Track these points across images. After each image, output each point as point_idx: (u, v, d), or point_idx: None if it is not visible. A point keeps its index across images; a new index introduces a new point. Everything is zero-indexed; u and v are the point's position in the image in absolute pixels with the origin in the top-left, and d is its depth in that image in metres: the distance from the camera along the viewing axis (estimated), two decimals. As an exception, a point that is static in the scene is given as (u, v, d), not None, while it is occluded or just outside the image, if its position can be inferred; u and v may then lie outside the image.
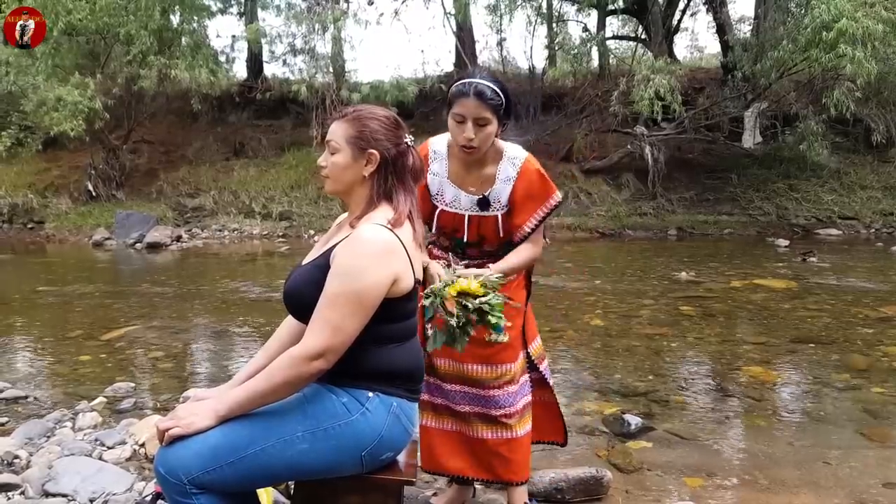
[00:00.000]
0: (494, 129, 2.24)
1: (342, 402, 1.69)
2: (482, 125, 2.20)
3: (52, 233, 13.92)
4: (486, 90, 2.18)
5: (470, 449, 2.42)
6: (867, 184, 14.36)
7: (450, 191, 2.38)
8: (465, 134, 2.20)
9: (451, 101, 2.25)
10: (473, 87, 2.18)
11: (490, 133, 2.24)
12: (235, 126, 17.47)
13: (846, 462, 3.09)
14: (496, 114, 2.21)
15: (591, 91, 15.85)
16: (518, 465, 2.41)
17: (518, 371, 2.43)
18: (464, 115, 2.20)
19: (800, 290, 7.37)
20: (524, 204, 2.33)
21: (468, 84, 2.20)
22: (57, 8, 12.72)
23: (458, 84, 2.25)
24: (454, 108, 2.22)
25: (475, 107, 2.18)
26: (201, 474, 1.57)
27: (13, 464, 2.96)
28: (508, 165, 2.33)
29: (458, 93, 2.22)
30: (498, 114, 2.22)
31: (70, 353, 5.09)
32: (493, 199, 2.33)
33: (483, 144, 2.25)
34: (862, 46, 11.01)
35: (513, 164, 2.33)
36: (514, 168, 2.33)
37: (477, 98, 2.17)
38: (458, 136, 2.23)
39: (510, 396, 2.38)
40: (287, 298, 1.80)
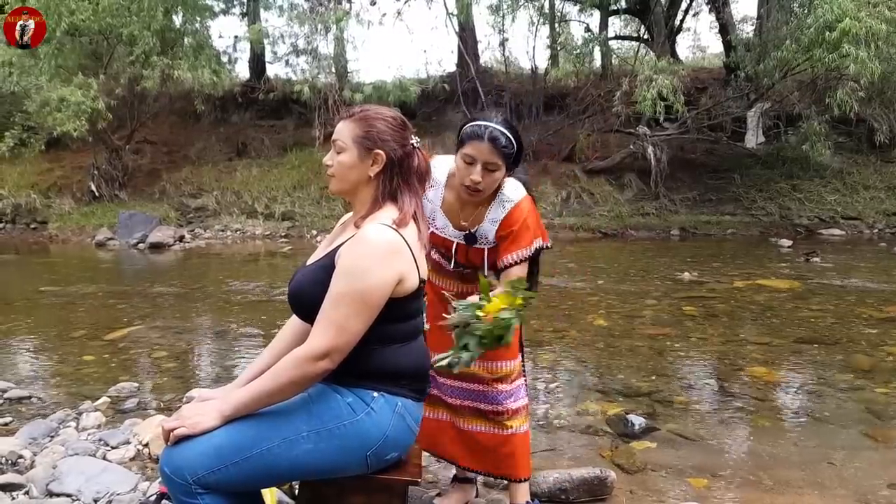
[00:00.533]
0: (502, 176, 2.24)
1: (347, 402, 1.68)
2: (491, 170, 2.19)
3: (55, 233, 13.95)
4: (501, 137, 2.17)
5: (462, 440, 2.46)
6: (870, 184, 14.35)
7: (440, 219, 2.38)
8: (472, 176, 2.18)
9: (462, 140, 2.22)
10: (488, 132, 2.16)
11: (497, 179, 2.23)
12: (238, 126, 17.49)
13: (851, 462, 3.08)
14: (506, 161, 2.21)
15: (593, 91, 15.84)
16: (514, 462, 2.43)
17: (516, 370, 2.45)
18: (474, 158, 2.17)
19: (803, 291, 7.36)
20: (505, 245, 2.31)
21: (483, 127, 2.18)
22: (60, 8, 12.74)
23: (472, 125, 2.22)
24: (465, 149, 2.19)
25: (487, 152, 2.16)
26: (206, 474, 1.57)
27: (17, 463, 2.96)
28: (498, 207, 2.31)
29: (472, 134, 2.19)
30: (508, 161, 2.22)
31: (73, 353, 5.09)
32: (480, 235, 2.33)
33: (488, 189, 2.24)
34: (865, 46, 11.01)
35: (503, 206, 2.30)
36: (503, 210, 2.30)
37: (490, 143, 2.16)
38: (465, 176, 2.20)
39: (505, 394, 2.41)
40: (292, 299, 1.80)
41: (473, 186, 2.20)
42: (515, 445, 2.42)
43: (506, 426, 2.41)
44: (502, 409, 2.40)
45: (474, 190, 2.21)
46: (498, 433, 2.41)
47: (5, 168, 15.09)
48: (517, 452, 2.43)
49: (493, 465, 2.45)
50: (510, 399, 2.42)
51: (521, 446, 2.44)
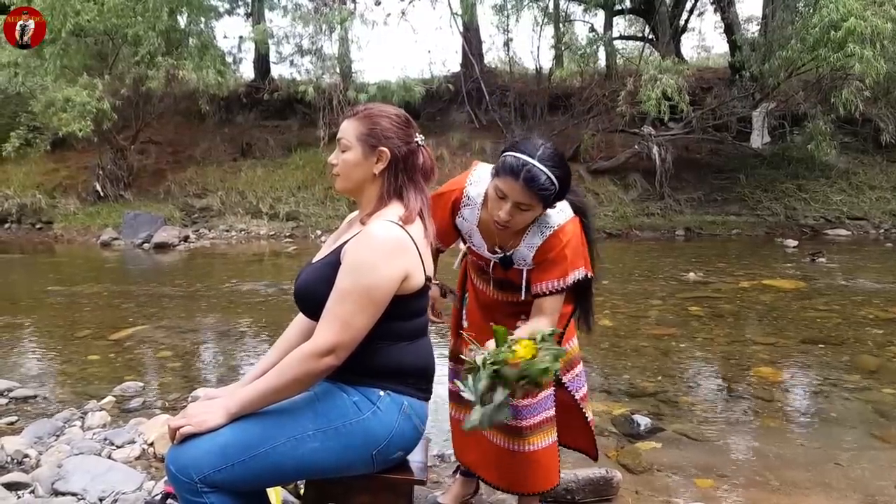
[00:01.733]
0: (535, 215, 2.05)
1: (353, 401, 1.68)
2: (523, 210, 1.99)
3: (60, 233, 13.98)
4: (540, 177, 1.93)
5: (482, 447, 2.38)
6: (876, 184, 14.29)
7: (476, 238, 2.24)
8: (500, 213, 1.99)
9: (497, 170, 2.01)
10: (525, 172, 1.93)
11: (528, 218, 2.05)
12: (243, 127, 17.52)
13: (857, 463, 3.07)
14: (543, 202, 2.00)
15: (598, 91, 15.81)
16: (528, 479, 2.33)
17: None
18: (506, 195, 1.97)
19: (809, 291, 7.33)
20: (539, 273, 2.14)
21: (521, 164, 1.94)
22: (65, 9, 12.77)
23: (511, 156, 1.97)
24: (498, 181, 1.99)
25: (520, 192, 1.95)
26: (212, 473, 1.57)
27: (23, 462, 2.98)
28: (536, 233, 2.11)
29: (507, 169, 1.96)
30: (545, 202, 2.01)
31: (79, 352, 5.10)
32: (517, 259, 2.17)
33: (519, 226, 2.06)
34: (871, 45, 10.95)
35: (541, 232, 2.11)
36: (541, 237, 2.11)
37: (525, 184, 1.93)
38: (495, 210, 2.02)
39: (528, 409, 2.28)
40: (298, 296, 1.79)
41: (502, 224, 2.03)
42: (532, 462, 2.30)
43: (524, 442, 2.28)
44: (522, 425, 2.26)
45: (504, 226, 2.04)
46: (514, 449, 2.29)
47: (11, 168, 15.13)
48: (531, 468, 2.31)
49: (508, 481, 2.36)
50: (531, 412, 2.28)
51: (538, 461, 2.32)
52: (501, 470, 2.36)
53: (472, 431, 2.22)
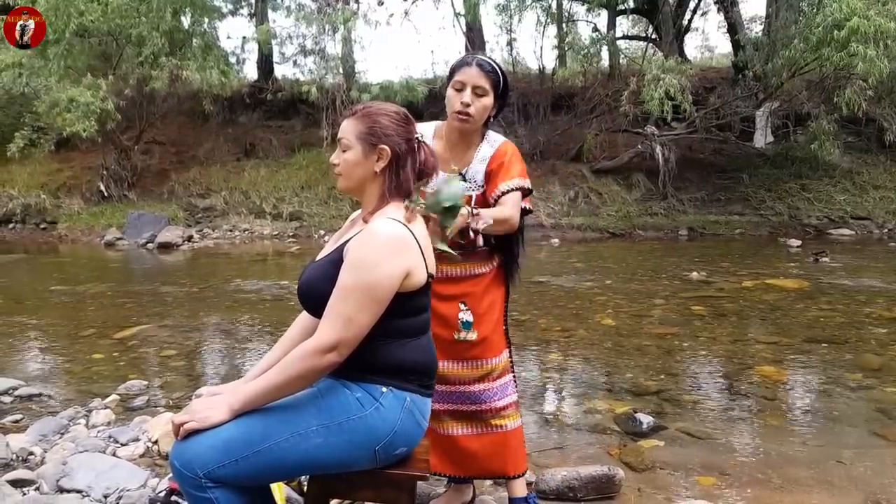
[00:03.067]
0: (490, 104, 2.33)
1: (356, 397, 1.69)
2: (480, 95, 2.29)
3: (64, 233, 14.03)
4: (487, 64, 2.31)
5: (440, 445, 2.41)
6: (880, 183, 14.27)
7: None
8: (463, 99, 2.28)
9: (452, 72, 2.35)
10: (476, 59, 2.31)
11: (486, 106, 2.32)
12: (246, 127, 17.55)
13: (860, 461, 3.07)
14: (494, 89, 2.32)
15: (601, 91, 15.81)
16: (504, 461, 2.40)
17: (501, 367, 2.42)
18: (464, 83, 2.29)
19: (812, 291, 7.33)
20: (495, 178, 2.36)
21: (471, 56, 2.35)
22: (69, 9, 12.81)
23: (460, 57, 2.40)
24: (455, 77, 2.32)
25: (476, 76, 2.28)
26: (216, 468, 1.58)
27: (28, 460, 2.99)
28: (487, 146, 2.40)
29: (460, 63, 2.34)
30: (496, 90, 2.32)
31: (83, 351, 5.13)
32: (470, 177, 2.37)
33: (478, 115, 2.31)
34: (874, 45, 10.94)
35: (491, 144, 2.40)
36: (491, 148, 2.39)
37: (478, 68, 2.28)
38: (456, 102, 2.30)
39: (489, 392, 2.37)
40: (301, 293, 1.80)
41: (464, 110, 2.28)
42: (506, 443, 2.39)
43: (491, 424, 2.38)
44: (486, 407, 2.37)
45: (465, 114, 2.29)
46: (483, 433, 2.38)
47: (15, 168, 15.19)
48: (508, 451, 2.40)
49: (483, 468, 2.42)
50: (495, 397, 2.38)
51: (512, 443, 2.40)
52: (482, 459, 2.40)
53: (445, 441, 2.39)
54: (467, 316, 2.34)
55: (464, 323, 2.34)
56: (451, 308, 2.34)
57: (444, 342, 2.29)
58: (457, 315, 2.34)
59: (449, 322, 2.33)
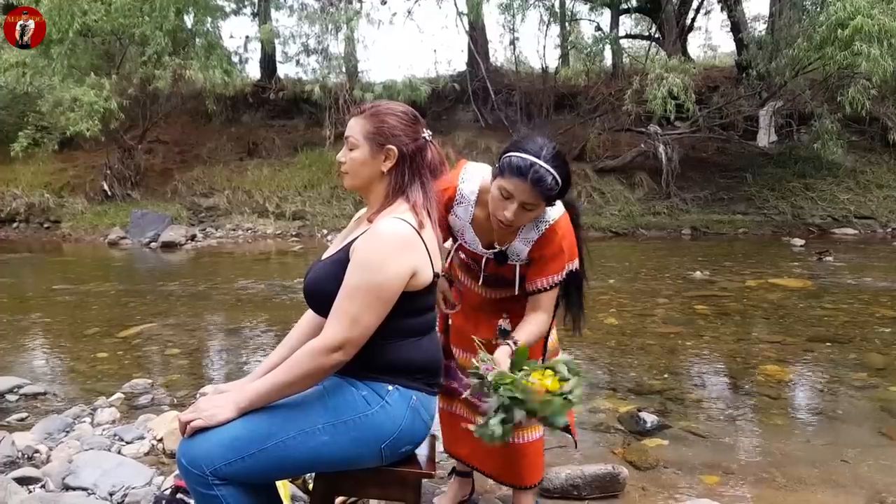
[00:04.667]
0: (539, 213, 2.06)
1: (362, 395, 1.69)
2: (528, 210, 1.99)
3: (68, 232, 14.06)
4: (547, 178, 1.93)
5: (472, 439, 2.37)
6: (884, 182, 14.24)
7: (469, 235, 2.24)
8: (505, 213, 1.97)
9: (502, 170, 1.98)
10: (533, 173, 1.92)
11: (532, 217, 2.05)
12: (249, 126, 17.58)
13: (865, 460, 3.06)
14: (547, 202, 2.02)
15: (604, 90, 15.81)
16: (520, 471, 2.38)
17: None
18: (512, 195, 1.95)
19: (816, 290, 7.32)
20: (535, 268, 2.18)
21: (529, 165, 1.92)
22: (73, 9, 12.83)
23: (517, 157, 1.95)
24: (503, 182, 1.96)
25: (528, 192, 1.94)
26: (223, 466, 1.59)
27: (33, 458, 3.00)
28: (532, 228, 2.12)
29: (514, 169, 1.94)
30: (549, 202, 2.03)
31: (87, 350, 5.14)
32: (511, 254, 2.19)
33: (520, 225, 2.08)
34: (878, 44, 10.92)
35: (537, 227, 2.12)
36: (537, 231, 2.13)
37: (533, 185, 1.93)
38: (499, 211, 2.00)
39: None
40: (307, 292, 1.81)
41: (506, 223, 2.01)
42: (521, 454, 2.36)
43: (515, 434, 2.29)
44: None
45: (507, 226, 2.04)
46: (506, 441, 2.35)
47: (19, 168, 15.21)
48: (521, 461, 2.37)
49: (500, 471, 2.41)
50: None
51: (529, 456, 2.37)
52: (494, 460, 2.39)
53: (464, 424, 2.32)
54: (506, 325, 2.29)
55: (501, 330, 2.28)
56: (493, 316, 2.30)
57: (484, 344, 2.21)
58: (497, 322, 2.30)
59: (490, 328, 2.30)
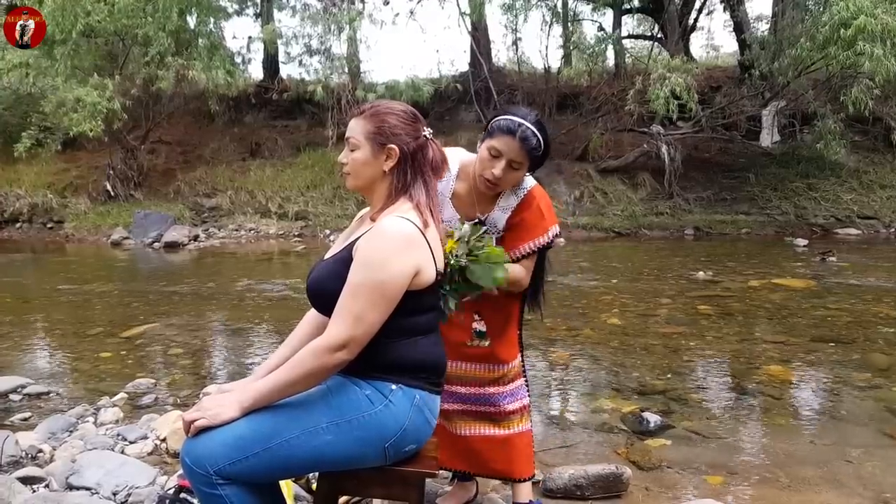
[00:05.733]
0: (522, 174, 2.22)
1: (366, 394, 1.69)
2: (514, 168, 2.15)
3: (71, 232, 14.07)
4: (533, 138, 2.12)
5: (456, 447, 2.42)
6: (887, 183, 14.22)
7: (447, 211, 2.30)
8: (494, 170, 2.13)
9: (491, 132, 2.16)
10: (521, 130, 2.11)
11: (517, 178, 2.20)
12: (252, 126, 17.60)
13: (869, 461, 3.06)
14: (531, 162, 2.18)
15: (606, 90, 15.81)
16: (512, 464, 2.40)
17: (513, 371, 2.42)
18: (501, 152, 2.12)
19: (819, 290, 7.31)
20: (517, 233, 2.27)
21: (517, 124, 2.12)
22: (76, 9, 12.86)
23: (506, 119, 2.16)
24: (493, 141, 2.14)
25: (516, 150, 2.12)
26: (227, 465, 1.59)
27: (37, 457, 3.00)
28: (510, 195, 2.26)
29: (504, 128, 2.13)
30: (532, 163, 2.19)
31: (91, 349, 5.14)
32: (490, 223, 2.28)
33: (505, 186, 2.21)
34: (881, 43, 10.90)
35: (516, 193, 2.26)
36: (517, 198, 2.26)
37: (521, 142, 2.11)
38: (487, 168, 2.15)
39: (501, 396, 2.38)
40: (310, 291, 1.81)
41: (493, 180, 2.15)
42: (514, 446, 2.39)
43: (502, 426, 2.38)
44: (497, 410, 2.37)
45: (493, 184, 2.17)
46: (495, 434, 2.38)
47: (22, 168, 15.24)
48: (515, 453, 2.40)
49: (491, 468, 2.42)
50: (506, 400, 2.38)
51: (520, 447, 2.40)
52: (490, 460, 2.40)
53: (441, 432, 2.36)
54: (481, 326, 2.33)
55: (477, 332, 2.33)
56: (466, 318, 2.31)
57: (459, 346, 2.31)
58: (471, 324, 2.33)
59: (463, 329, 2.32)
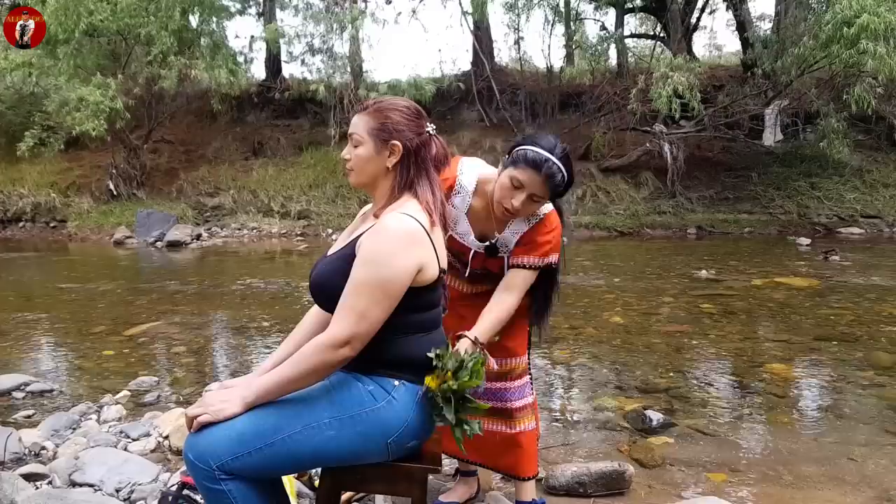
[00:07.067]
0: (541, 206, 2.18)
1: (368, 390, 1.69)
2: (535, 201, 2.11)
3: (74, 231, 14.11)
4: (558, 175, 2.07)
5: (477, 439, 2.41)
6: (890, 182, 14.17)
7: (462, 225, 2.29)
8: (513, 201, 2.09)
9: (515, 161, 2.09)
10: (547, 167, 2.05)
11: (535, 209, 2.17)
12: (254, 126, 17.61)
13: (871, 458, 3.05)
14: (552, 197, 2.15)
15: (609, 89, 15.79)
16: (518, 461, 2.40)
17: (521, 369, 2.41)
18: (523, 185, 2.07)
19: (822, 289, 7.29)
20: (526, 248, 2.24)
21: (543, 158, 2.05)
22: (78, 9, 12.88)
23: (533, 151, 2.08)
24: (516, 172, 2.07)
25: (539, 185, 2.07)
26: (230, 460, 1.59)
27: (40, 454, 3.01)
28: (522, 221, 2.23)
29: (529, 161, 2.06)
30: (553, 197, 2.17)
31: (94, 348, 5.16)
32: (501, 245, 2.26)
33: (524, 215, 2.18)
34: (884, 42, 10.88)
35: (527, 220, 2.23)
36: (527, 224, 2.23)
37: (546, 178, 2.06)
38: (507, 199, 2.10)
39: (509, 392, 2.38)
40: (313, 288, 1.81)
41: (512, 211, 2.11)
42: (520, 444, 2.39)
43: (509, 424, 2.38)
44: (504, 406, 2.37)
45: (511, 214, 2.13)
46: (503, 431, 2.38)
47: (25, 167, 15.28)
48: (521, 451, 2.40)
49: (497, 462, 2.43)
50: (514, 396, 2.38)
51: (526, 445, 2.41)
52: (494, 453, 2.41)
53: None
54: None
55: None
56: (476, 312, 2.28)
57: None
58: None
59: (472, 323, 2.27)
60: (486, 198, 2.22)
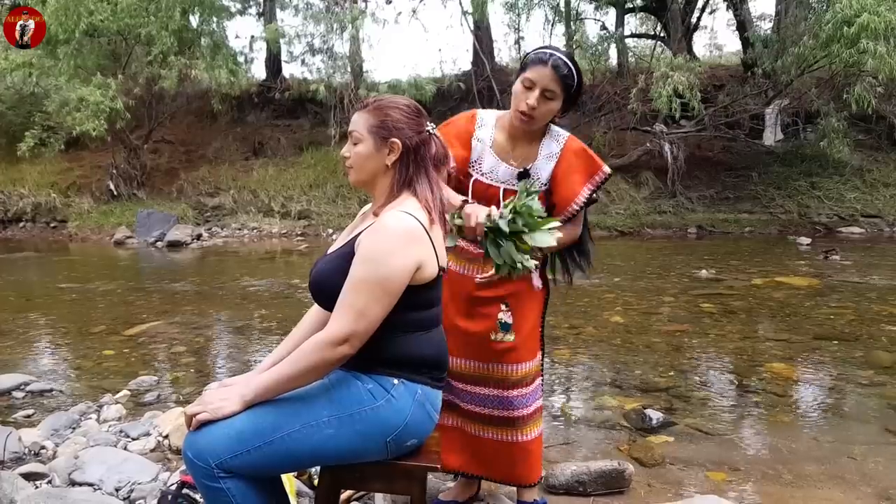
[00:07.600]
0: (557, 108, 2.21)
1: (367, 389, 1.69)
2: (548, 98, 2.16)
3: (74, 231, 14.11)
4: (564, 67, 2.15)
5: (470, 447, 2.39)
6: (891, 181, 14.15)
7: (489, 160, 2.29)
8: (528, 100, 2.15)
9: (524, 66, 2.20)
10: (552, 59, 2.15)
11: (552, 109, 2.20)
12: (254, 126, 17.60)
13: (872, 457, 3.05)
14: (565, 92, 2.19)
15: (609, 89, 15.77)
16: (523, 469, 2.38)
17: (534, 370, 2.39)
18: (534, 82, 2.15)
19: (822, 288, 7.29)
20: (568, 179, 2.28)
21: (548, 54, 2.17)
22: (79, 9, 12.88)
23: (538, 51, 2.22)
24: (527, 73, 2.17)
25: (549, 78, 2.14)
26: (229, 458, 1.59)
27: (40, 454, 3.01)
28: (552, 141, 2.29)
29: (535, 59, 2.18)
30: (567, 93, 2.19)
31: (94, 347, 5.16)
32: (534, 173, 2.27)
33: (541, 118, 2.21)
34: (884, 41, 10.86)
35: (557, 140, 2.30)
36: (559, 144, 2.29)
37: (553, 70, 2.14)
38: (522, 101, 2.17)
39: (521, 399, 2.34)
40: (313, 286, 1.81)
41: (528, 112, 2.16)
42: (528, 452, 2.37)
43: (517, 433, 2.34)
44: (517, 414, 2.32)
45: (528, 116, 2.18)
46: (510, 440, 2.35)
47: (25, 167, 15.27)
48: (528, 459, 2.37)
49: (503, 473, 2.40)
50: (527, 402, 2.35)
51: (532, 452, 2.38)
52: (496, 464, 2.39)
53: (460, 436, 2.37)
54: (507, 317, 2.29)
55: (502, 324, 2.28)
56: (492, 309, 2.28)
57: (482, 342, 2.27)
58: (496, 315, 2.28)
59: (487, 322, 2.28)
60: (506, 129, 2.29)
